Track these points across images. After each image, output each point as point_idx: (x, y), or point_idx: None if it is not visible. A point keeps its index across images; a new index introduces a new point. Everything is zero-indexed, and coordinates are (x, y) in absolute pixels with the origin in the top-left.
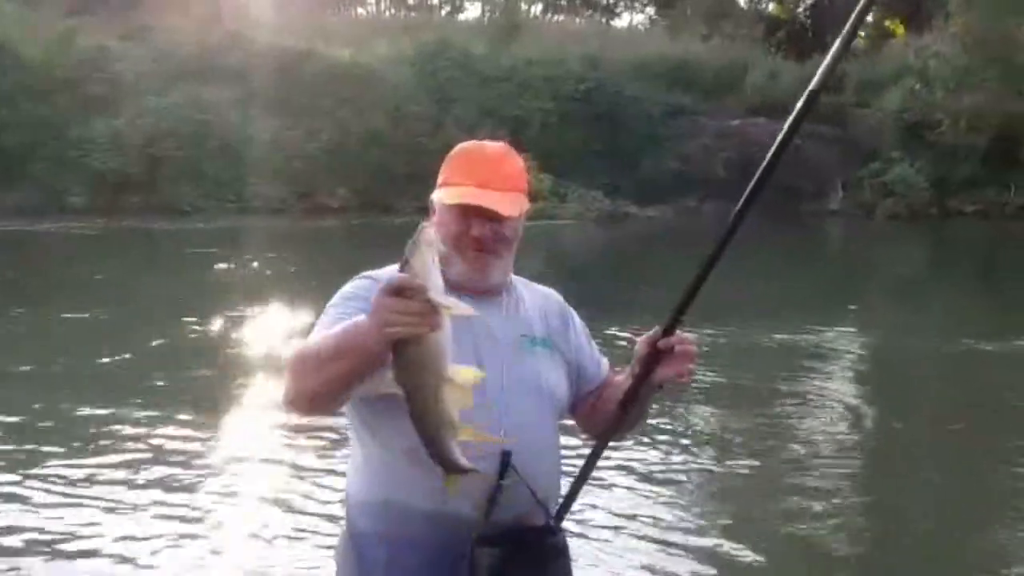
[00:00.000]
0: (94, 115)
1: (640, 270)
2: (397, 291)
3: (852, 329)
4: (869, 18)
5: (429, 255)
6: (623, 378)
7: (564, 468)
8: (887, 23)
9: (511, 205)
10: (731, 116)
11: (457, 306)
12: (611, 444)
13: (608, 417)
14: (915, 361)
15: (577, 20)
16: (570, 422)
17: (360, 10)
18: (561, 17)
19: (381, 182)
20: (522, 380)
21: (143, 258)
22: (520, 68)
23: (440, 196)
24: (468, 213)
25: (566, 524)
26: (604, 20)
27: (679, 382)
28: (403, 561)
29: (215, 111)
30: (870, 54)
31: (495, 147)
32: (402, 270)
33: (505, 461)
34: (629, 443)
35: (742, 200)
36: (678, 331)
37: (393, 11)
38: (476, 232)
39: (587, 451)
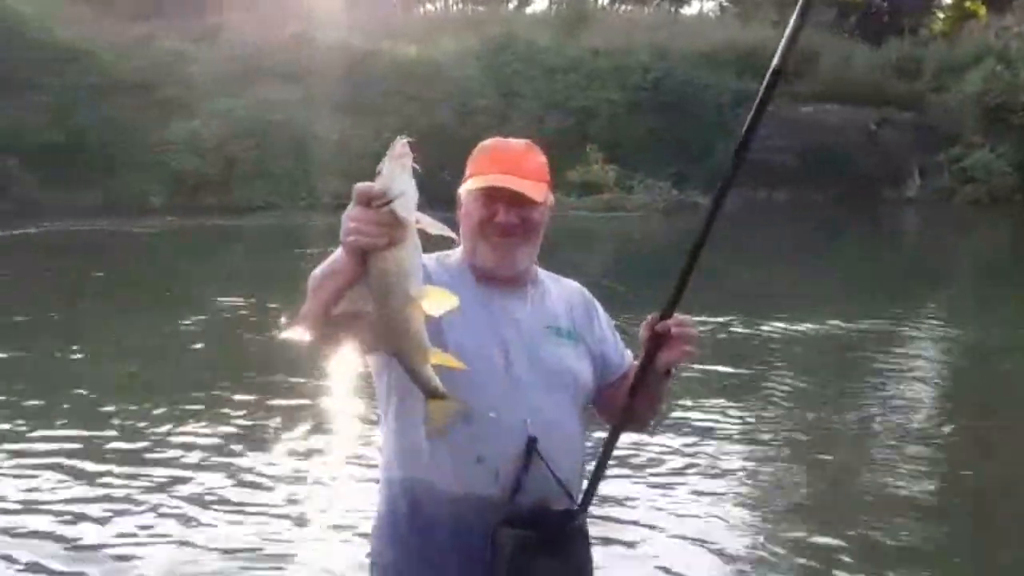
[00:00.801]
0: (171, 117)
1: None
2: (364, 200)
3: (933, 320)
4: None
5: (399, 166)
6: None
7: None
8: (967, 4)
9: (536, 191)
10: (803, 102)
11: (432, 225)
12: (648, 435)
13: (615, 403)
14: (999, 352)
15: (645, 10)
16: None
17: (428, 6)
18: (629, 7)
19: (450, 176)
20: (547, 370)
21: (232, 253)
22: (586, 59)
23: (466, 186)
24: (494, 199)
25: (598, 511)
26: (672, 9)
27: (681, 362)
28: (430, 539)
29: (284, 111)
30: (950, 36)
31: (518, 142)
32: (374, 179)
33: (531, 447)
34: (697, 437)
35: (717, 188)
36: (676, 314)
37: (460, 6)
38: (502, 218)
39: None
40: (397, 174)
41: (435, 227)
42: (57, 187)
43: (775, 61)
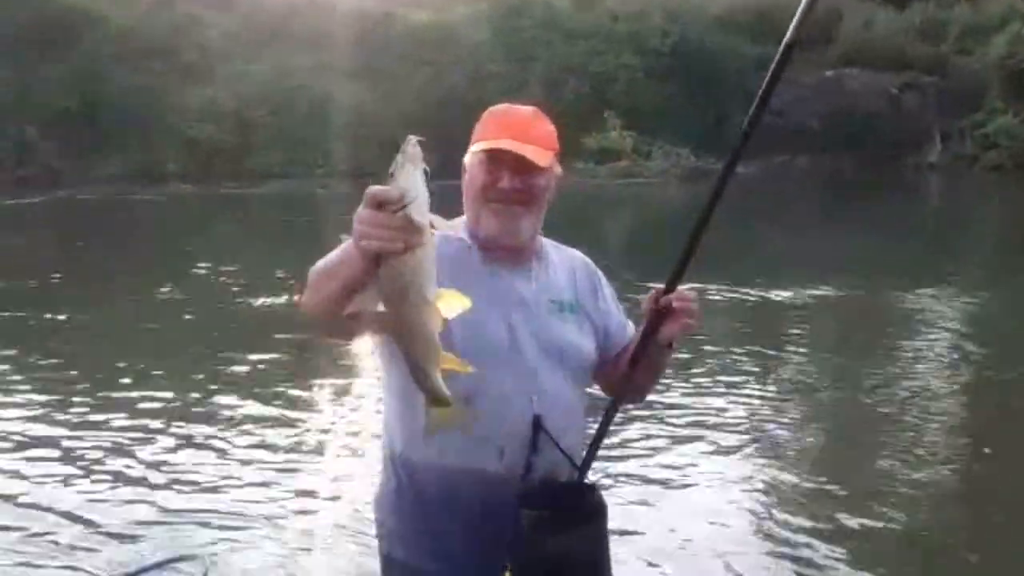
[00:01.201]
0: (188, 83)
1: (712, 231)
2: (377, 203)
3: (952, 287)
4: None
5: (414, 169)
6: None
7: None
8: None
9: (541, 156)
10: (825, 67)
11: (446, 226)
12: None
13: (612, 373)
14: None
15: None
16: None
17: None
18: None
19: (463, 143)
20: (552, 347)
21: (240, 222)
22: (604, 24)
23: (472, 150)
24: (498, 165)
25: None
26: None
27: (682, 335)
28: (431, 510)
29: (300, 77)
30: None
31: (526, 108)
32: (387, 182)
33: (538, 424)
34: (711, 399)
35: (725, 163)
36: (679, 287)
37: None
38: (506, 183)
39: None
40: (411, 177)
41: (449, 229)
42: (73, 155)
43: (789, 34)
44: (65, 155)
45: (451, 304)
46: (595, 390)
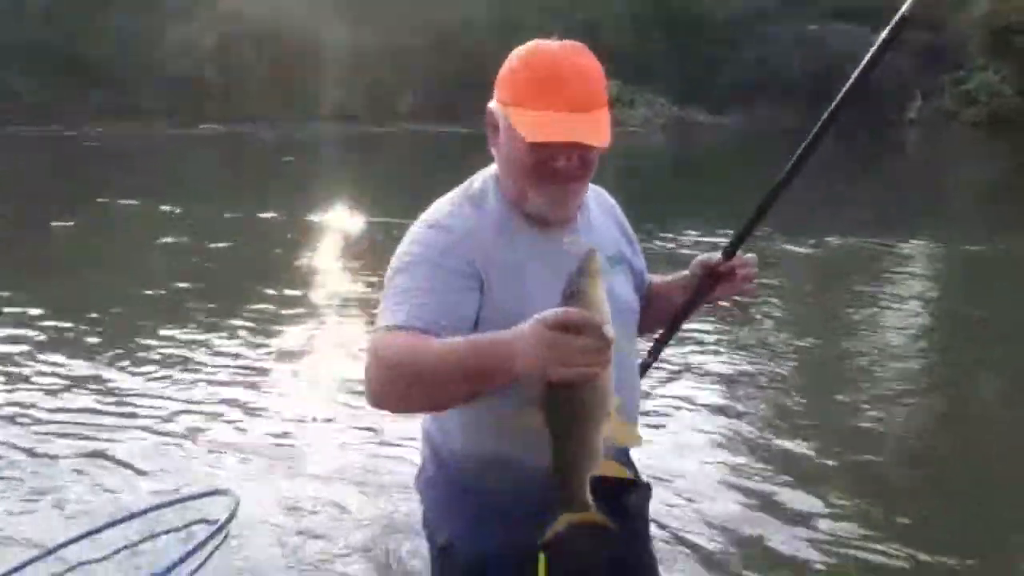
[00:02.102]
0: (170, 22)
1: (692, 183)
2: (574, 328)
3: (928, 239)
4: None
5: (601, 285)
6: (662, 283)
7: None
8: None
9: (604, 129)
10: (810, 20)
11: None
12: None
13: (647, 324)
14: (996, 264)
15: None
16: None
17: None
18: None
19: (448, 88)
20: (612, 307)
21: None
22: None
23: (513, 119)
24: (550, 144)
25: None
26: None
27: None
28: (484, 501)
29: (287, 16)
30: None
31: (573, 55)
32: (569, 302)
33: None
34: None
35: (811, 135)
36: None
37: None
38: (562, 164)
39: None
40: (600, 294)
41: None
42: (51, 93)
43: (905, 6)
44: (42, 93)
45: (628, 433)
46: None
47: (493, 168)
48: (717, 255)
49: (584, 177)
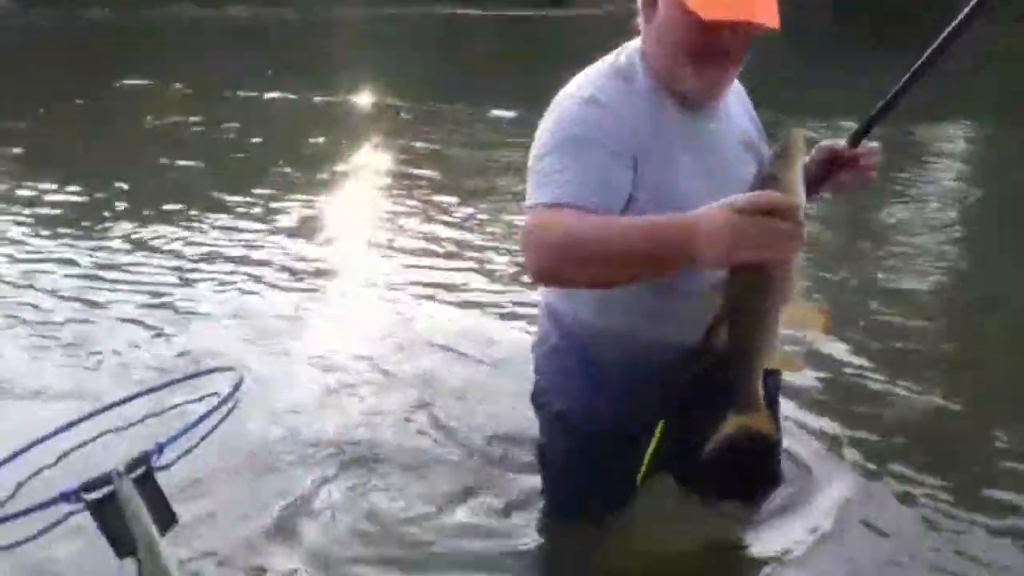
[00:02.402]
0: None
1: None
2: (768, 211)
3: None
4: None
5: (800, 167)
6: None
7: None
8: None
9: (775, 8)
10: None
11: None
12: None
13: None
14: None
15: None
16: None
17: None
18: None
19: None
20: None
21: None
22: None
23: None
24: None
25: None
26: None
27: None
28: (603, 373)
29: None
30: None
31: None
32: (765, 184)
33: None
34: None
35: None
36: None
37: None
38: (727, 44)
39: None
40: (799, 177)
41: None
42: None
43: None
44: None
45: (811, 316)
46: None
47: (636, 42)
48: (842, 142)
49: (742, 55)
